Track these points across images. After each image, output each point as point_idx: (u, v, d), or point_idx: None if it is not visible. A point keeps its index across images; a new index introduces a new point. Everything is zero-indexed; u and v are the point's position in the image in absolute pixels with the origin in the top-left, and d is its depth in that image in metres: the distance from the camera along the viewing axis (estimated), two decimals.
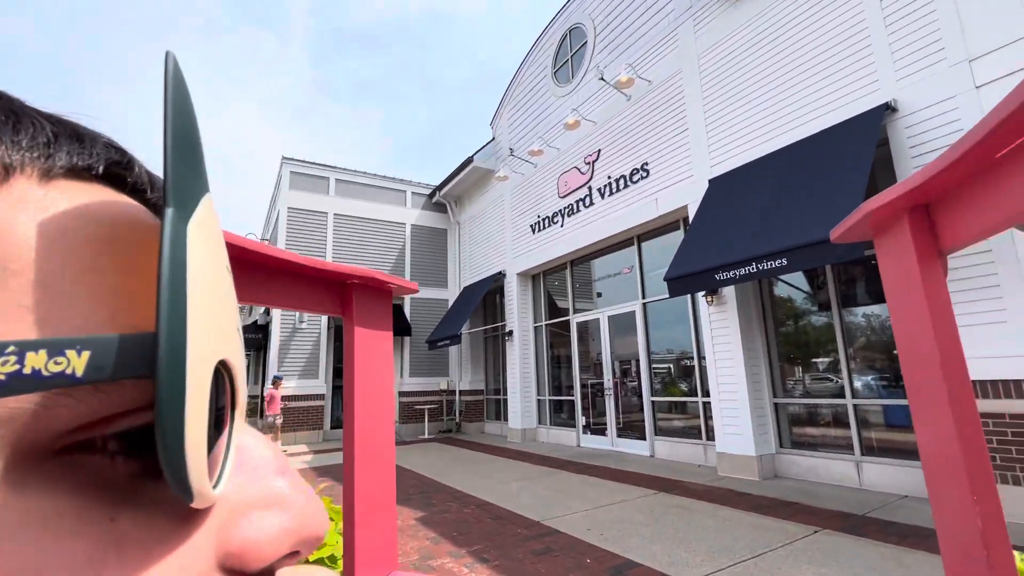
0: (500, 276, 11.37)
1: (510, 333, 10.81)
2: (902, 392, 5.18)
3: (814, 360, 6.02)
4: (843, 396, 5.49)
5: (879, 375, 5.41)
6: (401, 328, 12.67)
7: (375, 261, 13.05)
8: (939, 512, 0.98)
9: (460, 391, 12.94)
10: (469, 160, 12.03)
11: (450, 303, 13.62)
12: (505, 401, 11.58)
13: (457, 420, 12.82)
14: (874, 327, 5.56)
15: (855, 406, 5.37)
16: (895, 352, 5.28)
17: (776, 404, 6.06)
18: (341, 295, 1.35)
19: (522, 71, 11.20)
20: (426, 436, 12.04)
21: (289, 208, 12.13)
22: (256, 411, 17.50)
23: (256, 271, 1.00)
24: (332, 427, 11.91)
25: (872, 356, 5.51)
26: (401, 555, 3.80)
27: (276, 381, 10.37)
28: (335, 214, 12.66)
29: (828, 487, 5.25)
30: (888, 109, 4.85)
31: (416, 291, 1.49)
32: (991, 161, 0.79)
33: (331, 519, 1.68)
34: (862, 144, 4.75)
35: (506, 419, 11.25)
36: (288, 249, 11.84)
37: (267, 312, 14.19)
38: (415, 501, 5.53)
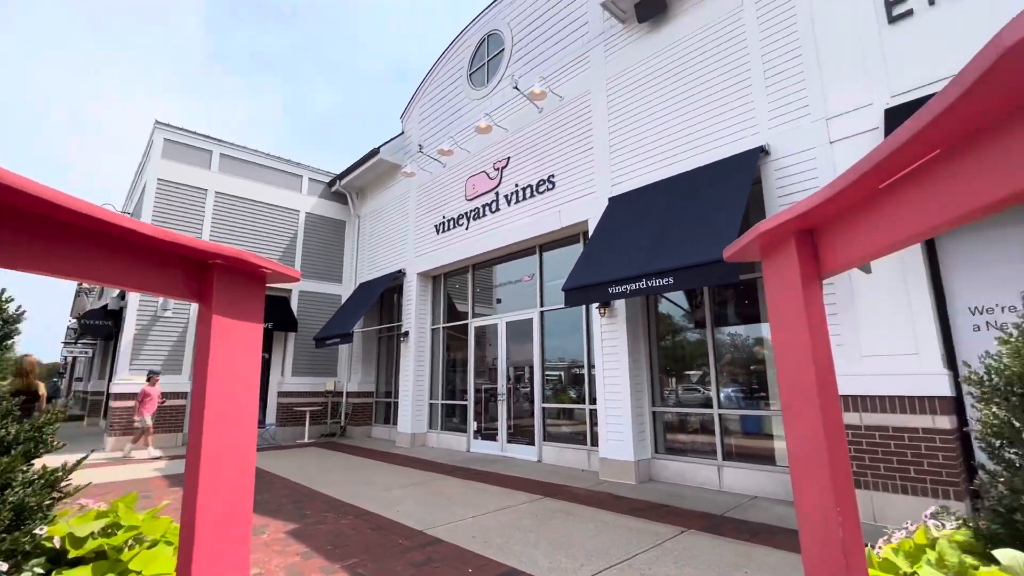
0: (400, 275, 11.00)
1: (406, 334, 10.47)
2: (756, 404, 5.82)
3: (688, 372, 6.57)
4: (711, 406, 6.03)
5: (740, 388, 6.03)
6: (285, 322, 11.72)
7: (261, 248, 11.95)
8: (804, 520, 1.04)
9: (348, 392, 12.26)
10: (375, 151, 11.53)
11: (343, 299, 12.90)
12: (396, 404, 11.18)
13: (342, 423, 12.12)
14: (738, 345, 6.19)
15: (720, 415, 5.93)
16: (752, 368, 5.94)
17: (654, 412, 6.50)
18: (199, 277, 1.14)
19: (437, 69, 11.01)
20: (306, 440, 11.21)
21: (159, 180, 10.69)
22: (101, 411, 15.11)
23: (86, 241, 0.79)
24: None
25: (735, 371, 6.13)
26: (264, 573, 3.43)
27: (152, 377, 9.28)
28: (217, 192, 11.40)
29: (694, 489, 5.71)
30: (763, 152, 5.45)
31: (297, 279, 1.31)
32: (872, 193, 0.85)
33: (168, 542, 1.42)
34: (740, 180, 5.29)
35: (395, 423, 10.86)
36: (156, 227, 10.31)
37: (122, 296, 12.34)
38: (286, 512, 5.06)
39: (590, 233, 6.90)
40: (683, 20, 6.49)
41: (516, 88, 8.24)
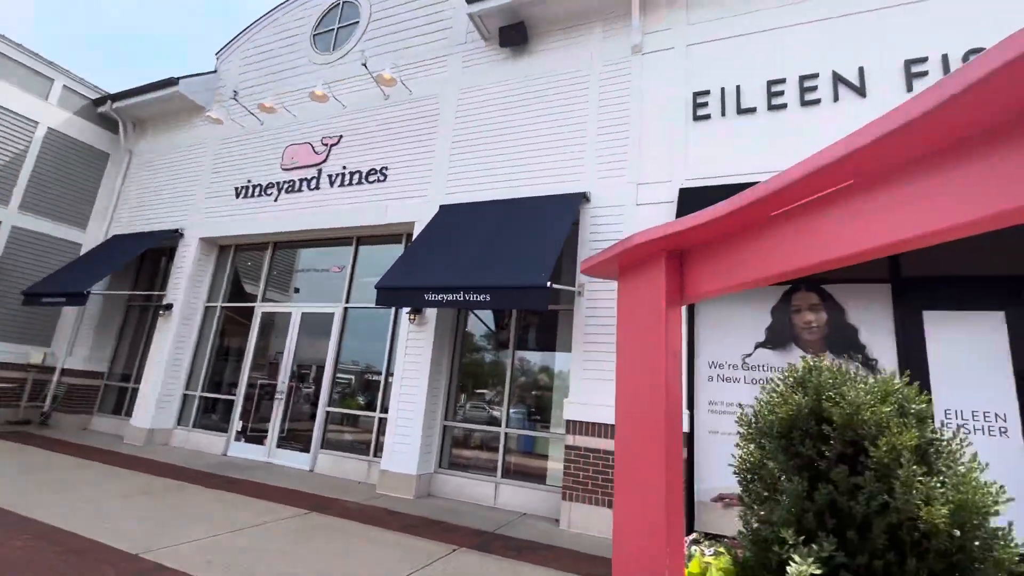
0: (176, 235, 9.03)
1: (169, 307, 8.58)
2: (537, 426, 6.24)
3: (484, 390, 6.72)
4: (499, 424, 6.24)
5: (527, 409, 6.39)
6: None
7: None
8: (625, 556, 0.98)
9: (64, 369, 9.43)
10: (173, 81, 9.42)
11: (84, 249, 10.03)
12: (135, 391, 8.98)
13: (46, 409, 9.23)
14: (532, 370, 6.59)
15: (506, 434, 6.17)
16: (540, 392, 6.36)
17: (445, 426, 6.45)
18: None
19: (276, 15, 9.61)
20: None
21: None
22: None
23: None
24: None
25: (525, 393, 6.49)
26: None
27: None
28: None
29: (470, 506, 5.77)
30: (584, 197, 6.00)
31: None
32: (760, 220, 0.84)
33: None
34: (564, 216, 5.71)
35: (129, 414, 8.69)
36: None
37: None
38: None
39: (415, 235, 6.66)
40: (540, 58, 6.88)
41: (364, 66, 7.64)
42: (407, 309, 6.48)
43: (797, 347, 4.99)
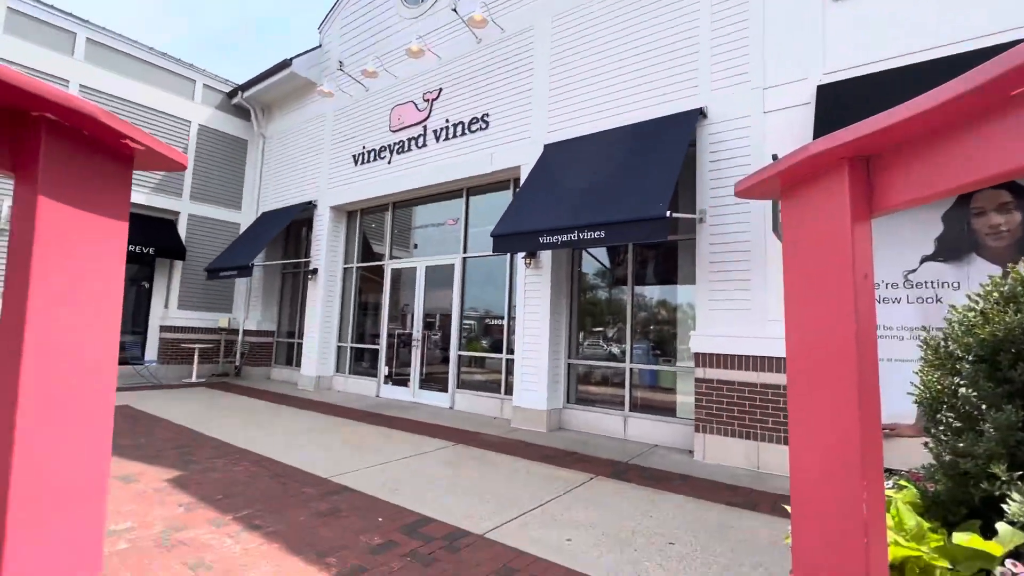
0: (310, 206, 10.04)
1: (315, 271, 9.70)
2: (665, 360, 6.13)
3: (605, 327, 6.73)
4: (623, 360, 6.25)
5: (651, 345, 6.29)
6: (170, 249, 10.34)
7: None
8: (806, 494, 0.94)
9: (245, 331, 11.28)
10: (287, 63, 10.15)
11: (242, 228, 11.62)
12: (299, 345, 10.48)
13: (238, 363, 11.20)
14: (654, 304, 6.41)
15: (631, 369, 6.17)
16: (664, 327, 6.19)
17: (570, 364, 6.63)
18: (13, 135, 0.75)
19: None
20: (194, 380, 10.24)
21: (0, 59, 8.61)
22: None
23: None
24: None
25: (649, 329, 6.37)
26: (137, 527, 3.00)
27: None
28: (82, 86, 9.46)
29: (601, 438, 5.97)
30: (701, 114, 5.46)
31: (184, 165, 0.94)
32: (990, 105, 0.69)
33: None
34: (677, 140, 5.27)
35: (299, 365, 10.22)
36: None
37: None
38: (167, 458, 4.53)
39: (522, 180, 6.64)
40: None
41: (455, 11, 7.52)
42: (523, 254, 6.59)
43: (980, 258, 4.21)
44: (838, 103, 4.54)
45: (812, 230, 0.90)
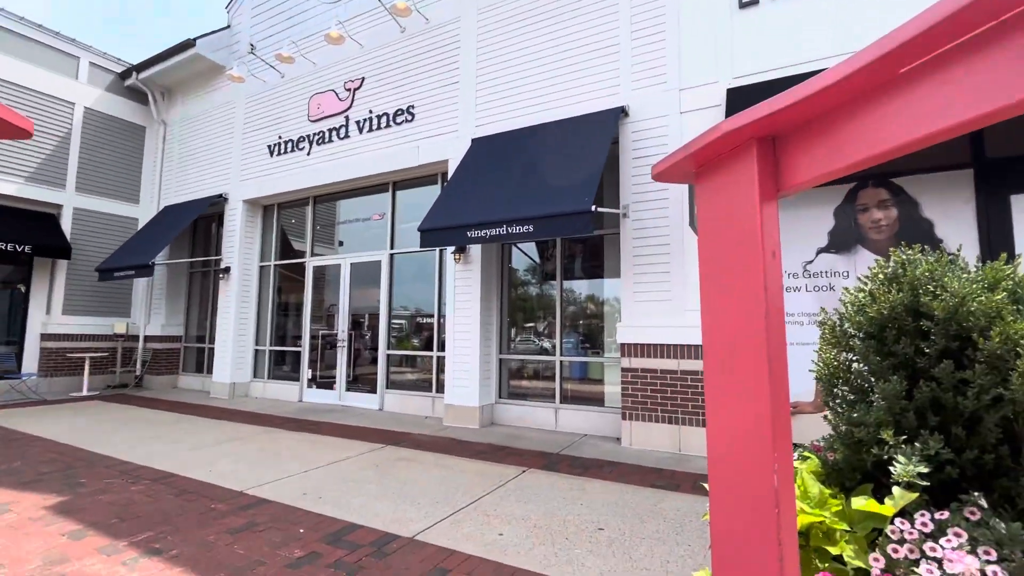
0: (220, 200, 9.29)
1: (227, 270, 8.99)
2: (593, 352, 6.30)
3: (534, 322, 6.80)
4: (553, 353, 6.35)
5: (580, 337, 6.44)
6: (51, 247, 9.16)
7: (10, 151, 8.99)
8: (723, 468, 0.96)
9: (146, 336, 10.24)
10: (190, 43, 9.30)
11: (142, 223, 10.53)
12: (211, 350, 9.68)
13: (138, 373, 10.14)
14: (581, 298, 6.56)
15: (561, 362, 6.28)
16: (591, 319, 6.36)
17: (501, 359, 6.63)
18: None
19: None
20: (84, 393, 9.15)
21: None
22: None
23: None
24: None
25: (577, 321, 6.52)
26: (7, 564, 2.60)
27: None
28: None
29: (533, 431, 6.02)
30: (623, 112, 5.64)
31: (29, 133, 0.79)
32: (885, 79, 0.72)
33: None
34: (601, 136, 5.41)
35: (211, 372, 9.44)
36: None
37: None
38: (48, 483, 3.99)
39: (450, 174, 6.54)
40: None
41: None
42: (451, 249, 6.50)
43: (864, 249, 4.68)
44: (746, 106, 4.85)
45: (723, 210, 0.91)
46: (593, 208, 4.59)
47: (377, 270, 7.80)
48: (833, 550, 1.07)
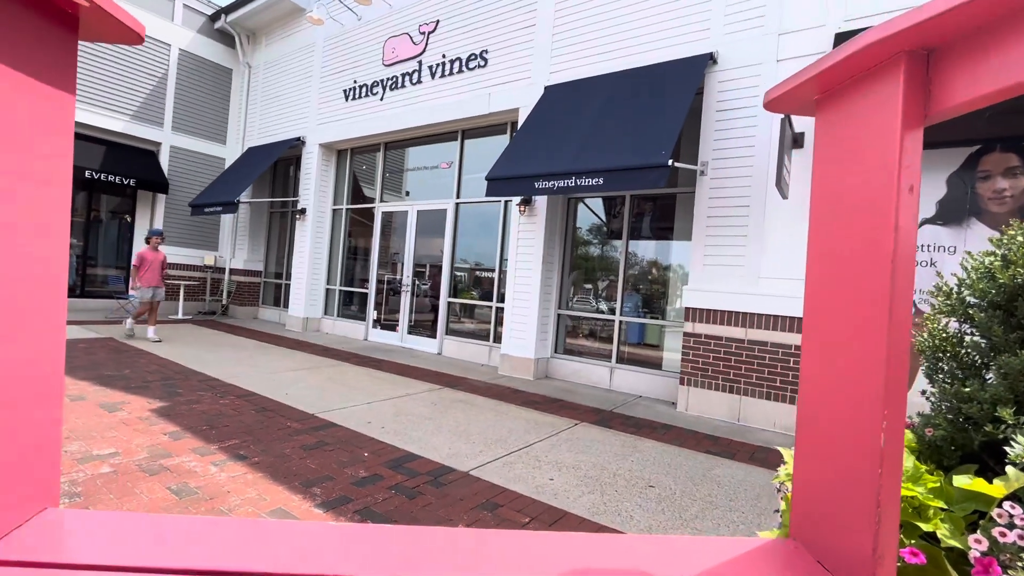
0: (299, 143, 9.66)
1: (303, 211, 9.45)
2: (647, 315, 6.14)
3: (597, 279, 6.70)
4: (613, 313, 6.26)
5: (639, 299, 6.28)
6: (152, 181, 9.97)
7: (117, 89, 9.71)
8: (820, 421, 0.89)
9: (232, 269, 11.10)
10: None
11: (228, 163, 11.20)
12: (287, 286, 10.36)
13: (224, 302, 11.08)
14: (644, 260, 6.35)
15: (621, 322, 6.18)
16: (656, 281, 6.16)
17: (559, 315, 6.63)
18: None
19: None
20: (180, 317, 10.14)
21: None
22: None
23: None
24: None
25: (638, 283, 6.35)
26: (121, 453, 2.99)
27: (151, 237, 7.38)
28: None
29: (586, 387, 6.05)
30: (711, 59, 5.20)
31: (140, 37, 0.81)
32: None
33: None
34: (685, 86, 5.05)
35: (286, 306, 10.14)
36: None
37: None
38: (152, 390, 4.51)
39: (520, 123, 6.39)
40: None
41: None
42: (516, 201, 6.44)
43: (979, 223, 4.16)
44: None
45: (851, 141, 0.81)
46: (669, 162, 4.35)
47: (442, 219, 7.90)
48: (925, 527, 1.00)
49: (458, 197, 7.78)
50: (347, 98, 8.90)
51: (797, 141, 4.64)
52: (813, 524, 0.85)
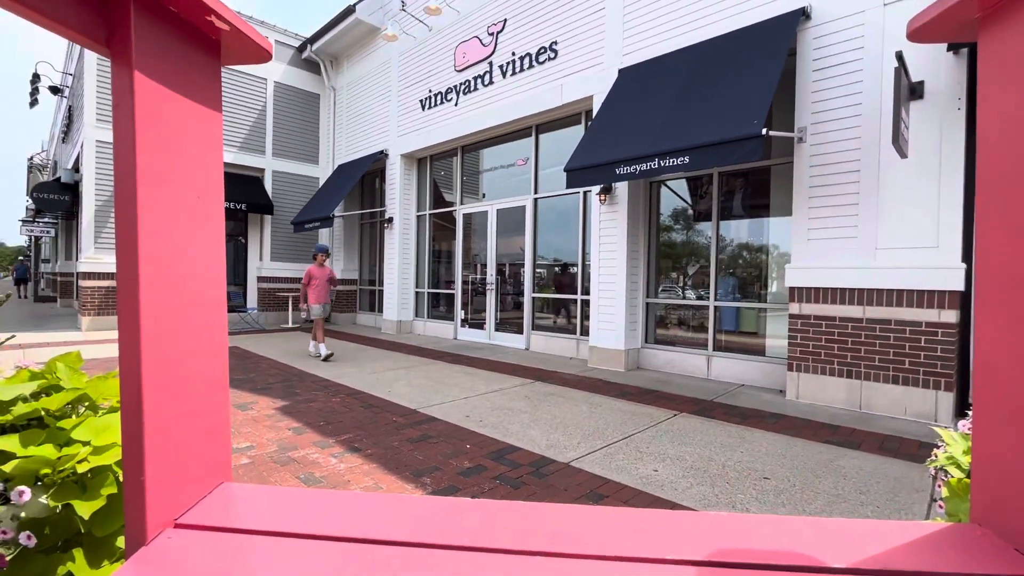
0: (382, 156, 10.21)
1: (390, 220, 9.98)
2: (751, 299, 5.75)
3: (686, 264, 6.40)
4: (707, 299, 5.94)
5: (735, 282, 5.90)
6: (259, 204, 11.03)
7: (227, 124, 10.84)
8: (1008, 384, 0.78)
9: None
10: (350, 9, 10.08)
11: (321, 181, 12.11)
12: (381, 292, 11.00)
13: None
14: (737, 240, 5.95)
15: (716, 307, 5.86)
16: (752, 263, 5.75)
17: (648, 303, 6.42)
18: (105, 7, 0.72)
19: None
20: (290, 325, 11.14)
21: None
22: (73, 292, 14.68)
23: None
24: None
25: (732, 265, 5.96)
26: (255, 447, 3.34)
27: (318, 254, 7.09)
28: None
29: (681, 377, 5.81)
30: (803, 15, 4.76)
31: (269, 54, 0.88)
32: None
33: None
34: (774, 49, 4.66)
35: (381, 310, 10.77)
36: (92, 103, 9.12)
37: (76, 168, 11.34)
38: (275, 391, 4.98)
39: (595, 112, 6.26)
40: None
41: None
42: (596, 191, 6.32)
43: None
44: None
45: None
46: (763, 131, 4.04)
47: (522, 215, 7.96)
48: None
49: (536, 192, 7.80)
50: (423, 107, 9.26)
51: (916, 91, 4.11)
52: (1005, 506, 0.74)
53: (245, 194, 10.83)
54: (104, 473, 0.99)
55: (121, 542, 1.01)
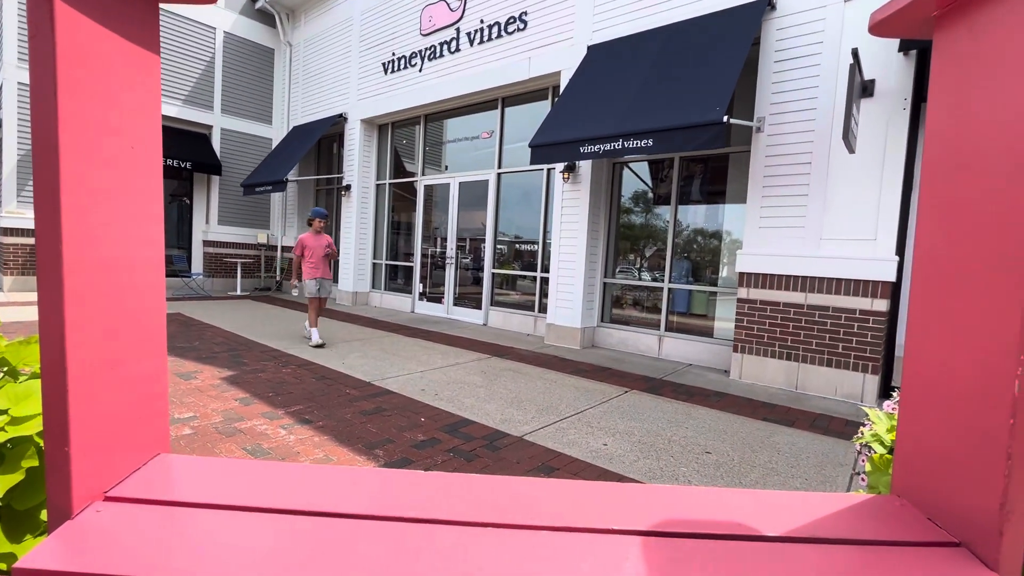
0: (340, 119, 9.77)
1: (348, 188, 9.63)
2: (698, 282, 5.96)
3: (643, 246, 6.53)
4: (661, 281, 6.11)
5: (689, 265, 6.09)
6: (206, 164, 10.39)
7: (169, 73, 10.05)
8: (935, 370, 0.83)
9: (283, 247, 11.53)
10: None
11: (275, 143, 11.50)
12: (337, 262, 10.67)
13: (278, 278, 11.57)
14: (694, 225, 6.12)
15: (670, 289, 6.04)
16: (707, 247, 5.95)
17: (605, 283, 6.54)
18: None
19: None
20: (238, 293, 10.68)
21: None
22: None
23: None
24: None
25: (690, 250, 6.14)
26: (199, 417, 3.21)
27: (313, 220, 5.90)
28: None
29: (634, 356, 5.99)
30: (768, 5, 4.84)
31: None
32: None
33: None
34: (740, 37, 4.73)
35: (336, 281, 10.47)
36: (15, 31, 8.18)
37: None
38: (221, 360, 4.79)
39: (562, 88, 6.20)
40: None
41: None
42: (560, 168, 6.31)
43: None
44: None
45: (982, 64, 0.72)
46: (725, 119, 4.12)
47: (484, 189, 7.87)
48: None
49: (500, 167, 7.71)
50: (386, 71, 8.89)
51: (867, 89, 4.29)
52: (922, 480, 0.79)
53: (191, 152, 10.15)
54: (25, 444, 0.92)
55: (45, 515, 0.95)
